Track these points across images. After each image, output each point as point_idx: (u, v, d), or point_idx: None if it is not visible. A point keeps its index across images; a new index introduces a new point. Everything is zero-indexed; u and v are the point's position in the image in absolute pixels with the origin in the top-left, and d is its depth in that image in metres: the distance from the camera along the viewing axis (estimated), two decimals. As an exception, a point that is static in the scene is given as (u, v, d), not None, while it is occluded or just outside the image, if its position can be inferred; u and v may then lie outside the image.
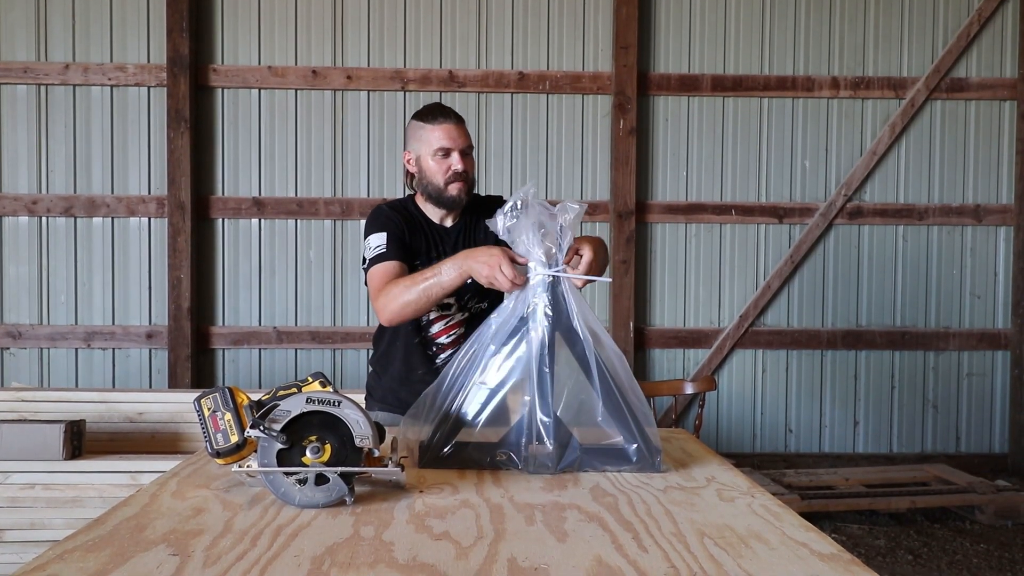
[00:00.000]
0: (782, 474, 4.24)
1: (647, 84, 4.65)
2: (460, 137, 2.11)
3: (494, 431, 1.59)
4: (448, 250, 2.13)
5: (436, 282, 1.87)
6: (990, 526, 3.86)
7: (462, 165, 2.10)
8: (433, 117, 2.12)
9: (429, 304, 1.93)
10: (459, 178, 2.10)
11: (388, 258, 2.04)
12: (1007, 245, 4.81)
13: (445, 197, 2.12)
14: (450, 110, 2.15)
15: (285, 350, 4.60)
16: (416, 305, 1.92)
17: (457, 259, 1.84)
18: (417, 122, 2.15)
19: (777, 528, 1.23)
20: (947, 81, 4.73)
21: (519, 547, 1.13)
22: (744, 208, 4.72)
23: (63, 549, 1.11)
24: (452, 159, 2.10)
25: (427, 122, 2.12)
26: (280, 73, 4.54)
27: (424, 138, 2.12)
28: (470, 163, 2.13)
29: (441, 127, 2.10)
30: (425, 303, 1.92)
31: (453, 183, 2.10)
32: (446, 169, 2.09)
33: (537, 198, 1.63)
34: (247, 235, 4.60)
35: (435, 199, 2.13)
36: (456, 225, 2.18)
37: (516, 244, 1.65)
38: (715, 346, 4.70)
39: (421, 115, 2.15)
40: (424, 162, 2.12)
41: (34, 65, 4.46)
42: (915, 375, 4.81)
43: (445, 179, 2.10)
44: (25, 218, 4.50)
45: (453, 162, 2.10)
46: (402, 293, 1.92)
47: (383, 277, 2.01)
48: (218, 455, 1.43)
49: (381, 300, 1.97)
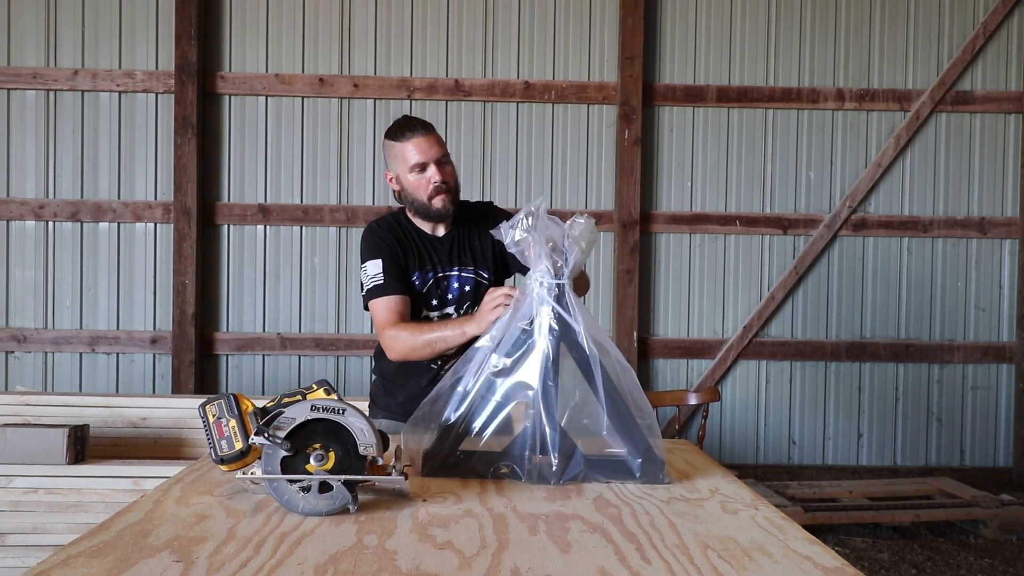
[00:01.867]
0: (785, 486, 4.22)
1: (652, 94, 4.66)
2: (432, 148, 2.09)
3: (498, 441, 1.59)
4: (444, 260, 2.15)
5: (440, 337, 1.98)
6: (994, 540, 3.84)
7: (440, 176, 2.08)
8: (401, 133, 2.11)
9: (434, 355, 2.03)
10: (440, 190, 2.09)
11: (388, 291, 2.07)
12: (1012, 258, 4.80)
13: (432, 211, 2.12)
14: (418, 121, 2.13)
15: (289, 357, 4.60)
16: (421, 353, 2.02)
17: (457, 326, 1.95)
18: (389, 141, 2.14)
19: (781, 541, 1.23)
20: (952, 94, 4.74)
21: (522, 557, 1.13)
22: (748, 219, 4.72)
23: (67, 554, 1.11)
24: (429, 172, 2.09)
25: (397, 139, 2.11)
26: (287, 81, 4.56)
27: (398, 155, 2.11)
28: (449, 172, 2.12)
29: (410, 142, 2.09)
30: (430, 354, 2.02)
31: (436, 196, 2.09)
32: (426, 184, 2.09)
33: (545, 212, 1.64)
34: (252, 241, 4.61)
35: (423, 214, 2.14)
36: (448, 234, 2.18)
37: (524, 256, 1.66)
38: (719, 357, 4.70)
39: (391, 133, 2.14)
40: (404, 179, 2.12)
41: (43, 71, 4.49)
42: (919, 388, 4.80)
43: (427, 193, 2.09)
44: (32, 222, 4.52)
45: (431, 175, 2.08)
46: (408, 340, 2.01)
47: (387, 313, 2.06)
48: (222, 462, 1.43)
49: (388, 340, 2.05)
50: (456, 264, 2.16)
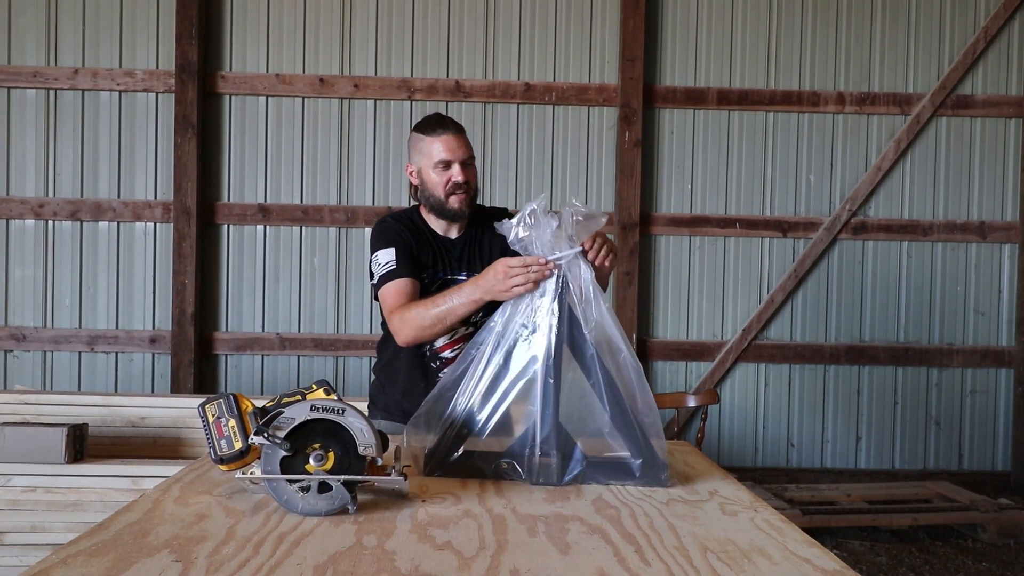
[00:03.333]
0: (784, 489, 4.22)
1: (653, 96, 4.67)
2: (460, 148, 2.10)
3: (498, 441, 1.59)
4: (454, 263, 2.14)
5: (449, 310, 1.91)
6: (992, 545, 3.84)
7: (463, 176, 2.09)
8: (432, 129, 2.11)
9: (444, 330, 1.98)
10: (460, 189, 2.09)
11: (399, 275, 2.05)
12: (1012, 262, 4.81)
13: (447, 209, 2.11)
14: (450, 120, 2.14)
15: (288, 357, 4.60)
16: (432, 331, 1.97)
17: (467, 288, 1.87)
18: (417, 134, 2.14)
19: (780, 543, 1.23)
20: (953, 98, 4.74)
21: (521, 558, 1.13)
22: (748, 221, 4.72)
23: (66, 553, 1.11)
24: (453, 171, 2.09)
25: (427, 134, 2.11)
26: (288, 81, 4.56)
27: (424, 150, 2.11)
28: (472, 173, 2.12)
29: (440, 139, 2.09)
30: (440, 329, 1.97)
31: (454, 195, 2.10)
32: (447, 181, 2.09)
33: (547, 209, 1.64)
34: (252, 241, 4.61)
35: (437, 211, 2.13)
36: (461, 237, 2.17)
37: (528, 251, 1.65)
38: (718, 359, 4.70)
39: (421, 127, 2.14)
40: (425, 174, 2.12)
41: (43, 70, 4.49)
42: (918, 391, 4.80)
43: (446, 191, 2.09)
44: (31, 221, 4.52)
45: (454, 174, 2.09)
46: (416, 318, 1.95)
47: (396, 296, 2.03)
48: (222, 461, 1.43)
49: (396, 322, 2.01)
50: (466, 268, 2.15)
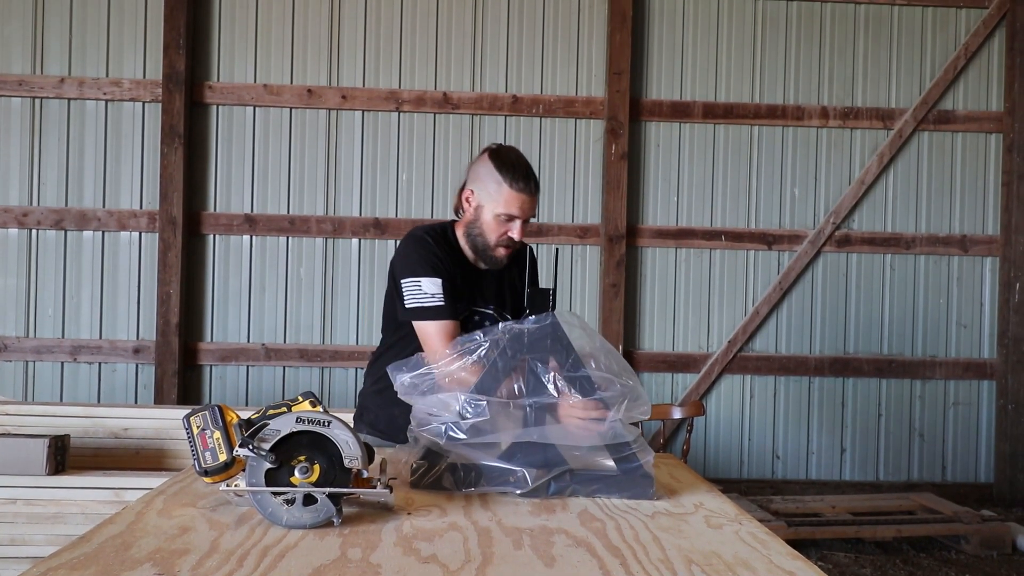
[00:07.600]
0: (769, 500, 4.23)
1: (639, 110, 4.70)
2: (530, 209, 2.04)
3: (487, 453, 1.59)
4: (481, 294, 2.13)
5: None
6: (975, 556, 3.86)
7: (519, 235, 2.05)
8: (515, 179, 2.00)
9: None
10: (511, 245, 2.07)
11: (447, 315, 2.01)
12: (993, 275, 4.86)
13: (490, 256, 2.08)
14: (533, 176, 2.04)
15: (273, 367, 4.58)
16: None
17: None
18: (495, 171, 2.02)
19: (764, 556, 1.23)
20: (934, 113, 4.80)
21: (507, 572, 1.13)
22: (734, 234, 4.75)
23: (47, 566, 1.10)
24: (513, 227, 2.04)
25: (507, 181, 2.00)
26: (275, 91, 4.56)
27: (494, 193, 2.02)
28: (525, 231, 2.08)
29: (520, 194, 2.00)
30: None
31: (503, 247, 2.07)
32: (503, 232, 2.04)
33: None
34: (238, 251, 4.59)
35: (479, 251, 2.10)
36: (488, 269, 2.15)
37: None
38: (703, 371, 4.72)
39: (504, 167, 2.02)
40: (484, 214, 2.05)
41: (29, 78, 4.46)
42: (902, 403, 4.84)
43: (498, 240, 2.05)
44: (15, 230, 4.49)
45: (513, 230, 2.04)
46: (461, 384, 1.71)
47: (443, 340, 1.96)
48: (206, 473, 1.42)
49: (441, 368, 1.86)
50: (493, 301, 2.15)
